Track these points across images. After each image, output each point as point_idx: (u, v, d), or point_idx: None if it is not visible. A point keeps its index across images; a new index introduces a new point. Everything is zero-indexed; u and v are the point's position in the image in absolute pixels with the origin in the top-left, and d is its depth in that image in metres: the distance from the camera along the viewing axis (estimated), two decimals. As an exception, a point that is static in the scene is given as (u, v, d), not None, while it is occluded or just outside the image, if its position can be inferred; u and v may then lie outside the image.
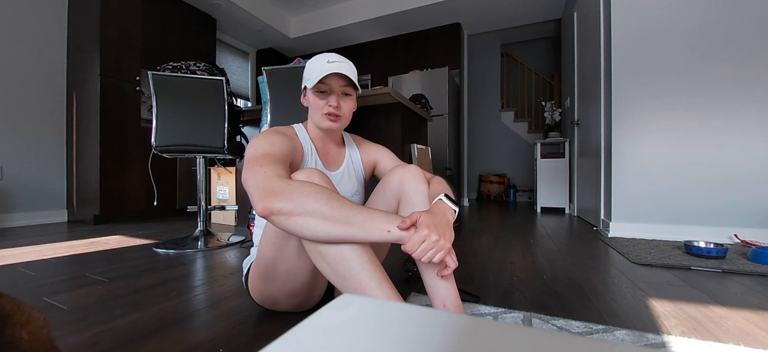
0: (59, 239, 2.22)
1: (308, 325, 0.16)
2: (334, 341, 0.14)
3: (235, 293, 1.16)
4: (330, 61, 0.94)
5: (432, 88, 4.19)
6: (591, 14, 2.85)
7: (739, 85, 2.05)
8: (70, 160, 3.15)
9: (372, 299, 0.19)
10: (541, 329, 0.15)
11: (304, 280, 0.85)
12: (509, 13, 4.47)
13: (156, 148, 1.83)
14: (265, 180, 0.70)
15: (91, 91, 2.98)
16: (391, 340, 0.14)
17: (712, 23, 2.10)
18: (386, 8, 4.46)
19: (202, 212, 2.06)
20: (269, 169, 0.73)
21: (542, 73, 5.56)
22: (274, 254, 0.82)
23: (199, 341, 0.83)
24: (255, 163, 0.75)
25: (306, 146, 0.98)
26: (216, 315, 0.98)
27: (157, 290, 1.20)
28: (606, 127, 2.46)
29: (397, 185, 0.91)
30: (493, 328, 0.15)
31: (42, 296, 1.14)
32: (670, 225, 2.18)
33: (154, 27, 3.49)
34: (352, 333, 0.15)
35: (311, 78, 0.94)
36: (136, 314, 0.99)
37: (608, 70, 2.39)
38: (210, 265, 1.54)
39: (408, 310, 0.17)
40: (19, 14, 2.87)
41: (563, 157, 3.85)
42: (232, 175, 2.86)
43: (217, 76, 1.90)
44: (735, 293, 1.19)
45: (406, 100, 2.15)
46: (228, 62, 4.95)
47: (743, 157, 2.05)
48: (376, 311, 0.17)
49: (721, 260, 1.58)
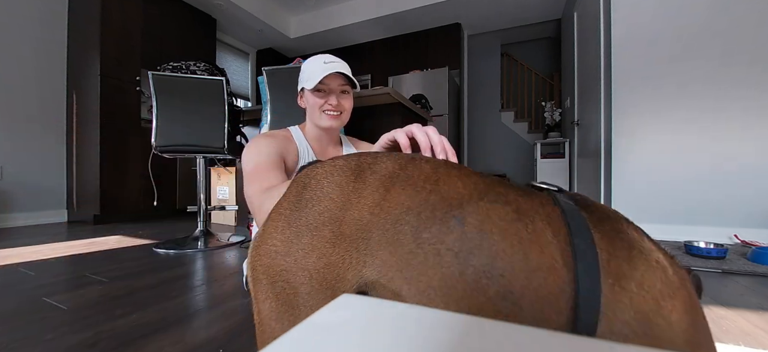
0: (59, 239, 2.22)
1: (308, 325, 0.16)
2: (334, 341, 0.14)
3: (235, 293, 1.16)
4: (326, 62, 0.96)
5: (432, 88, 4.19)
6: (591, 14, 2.85)
7: (739, 86, 2.05)
8: (70, 160, 3.15)
9: (372, 299, 0.19)
10: (541, 329, 0.15)
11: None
12: (509, 13, 4.47)
13: (156, 148, 1.83)
14: (252, 201, 0.75)
15: (91, 91, 2.98)
16: (392, 340, 0.14)
17: (713, 24, 2.10)
18: (386, 8, 4.46)
19: (202, 212, 2.06)
20: (256, 186, 0.77)
21: (542, 73, 5.56)
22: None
23: (199, 341, 0.83)
24: (247, 182, 0.80)
25: (302, 148, 0.99)
26: (216, 315, 0.98)
27: (157, 290, 1.20)
28: (606, 127, 2.46)
29: None
30: (493, 328, 0.15)
31: (42, 296, 1.14)
32: (670, 225, 2.18)
33: (154, 27, 3.49)
34: (352, 333, 0.15)
35: (310, 79, 0.96)
36: (136, 314, 0.99)
37: (608, 71, 2.39)
38: (210, 265, 1.54)
39: (408, 310, 0.17)
40: (19, 14, 2.87)
41: (563, 158, 3.85)
42: (232, 175, 2.86)
43: (217, 76, 1.90)
44: (735, 293, 1.19)
45: (406, 100, 2.15)
46: (228, 62, 4.95)
47: (743, 158, 2.05)
48: (376, 311, 0.17)
49: (721, 260, 1.58)
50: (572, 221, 0.33)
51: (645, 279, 0.30)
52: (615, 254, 0.31)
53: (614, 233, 0.32)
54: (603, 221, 0.34)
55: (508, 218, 0.34)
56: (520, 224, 0.33)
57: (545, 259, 0.31)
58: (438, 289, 0.33)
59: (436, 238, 0.35)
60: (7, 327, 0.90)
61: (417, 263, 0.35)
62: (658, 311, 0.28)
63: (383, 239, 0.37)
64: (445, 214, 0.36)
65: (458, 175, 0.41)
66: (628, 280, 0.29)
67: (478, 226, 0.34)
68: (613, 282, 0.29)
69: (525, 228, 0.33)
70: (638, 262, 0.31)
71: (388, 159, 0.44)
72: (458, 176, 0.40)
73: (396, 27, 4.83)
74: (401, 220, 0.37)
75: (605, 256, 0.31)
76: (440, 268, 0.33)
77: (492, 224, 0.34)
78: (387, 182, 0.41)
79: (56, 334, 0.86)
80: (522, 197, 0.36)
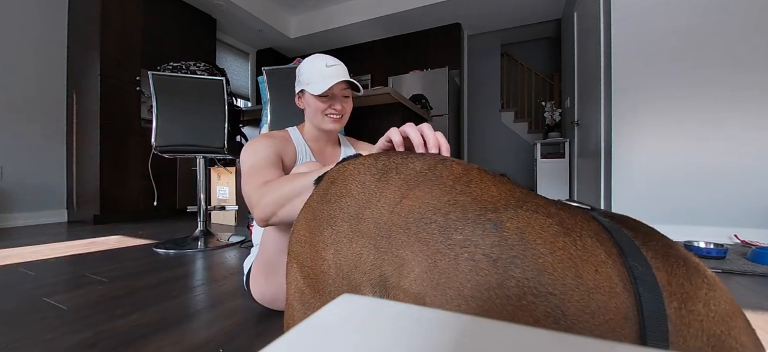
0: (59, 239, 2.22)
1: (308, 325, 0.16)
2: (334, 341, 0.14)
3: (235, 293, 1.16)
4: (328, 66, 0.97)
5: (432, 88, 4.19)
6: (591, 14, 2.85)
7: (739, 86, 2.05)
8: (70, 160, 3.15)
9: (372, 298, 0.19)
10: (542, 328, 0.15)
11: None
12: (509, 13, 4.47)
13: (156, 148, 1.83)
14: (250, 197, 0.76)
15: (91, 91, 2.98)
16: (392, 340, 0.14)
17: (713, 24, 2.10)
18: (386, 8, 4.46)
19: (202, 212, 2.06)
20: (253, 183, 0.77)
21: (542, 73, 5.56)
22: (278, 246, 0.83)
23: (199, 341, 0.83)
24: (244, 181, 0.81)
25: (300, 148, 1.01)
26: (216, 315, 0.98)
27: (157, 290, 1.20)
28: (606, 127, 2.46)
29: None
30: (494, 328, 0.15)
31: (42, 296, 1.14)
32: (670, 225, 2.18)
33: (154, 27, 3.49)
34: (352, 333, 0.15)
35: (312, 83, 0.96)
36: (136, 314, 0.99)
37: (608, 71, 2.39)
38: (210, 265, 1.54)
39: (408, 310, 0.17)
40: (19, 14, 2.87)
41: (563, 158, 3.85)
42: (232, 175, 2.86)
43: (217, 76, 1.90)
44: (735, 293, 1.19)
45: (406, 100, 2.15)
46: (228, 62, 4.95)
47: (743, 158, 2.05)
48: (376, 311, 0.17)
49: (721, 260, 1.58)
50: (620, 239, 0.30)
51: (710, 299, 0.27)
52: (674, 273, 0.28)
53: (666, 250, 0.30)
54: (650, 238, 0.31)
55: (552, 231, 0.30)
56: (568, 239, 0.30)
57: (602, 280, 0.28)
58: (471, 299, 0.30)
59: (469, 241, 0.31)
60: (7, 327, 0.90)
61: (445, 265, 0.32)
62: (729, 334, 0.26)
63: (406, 239, 0.35)
64: (479, 216, 0.33)
65: (492, 180, 0.39)
66: (694, 301, 0.27)
67: (518, 234, 0.31)
68: (678, 305, 0.27)
69: (573, 244, 0.29)
70: (699, 280, 0.28)
71: (417, 159, 0.43)
72: (492, 182, 0.38)
73: (396, 27, 4.83)
74: (426, 219, 0.35)
75: (664, 276, 0.28)
76: (475, 275, 0.30)
77: (535, 235, 0.30)
78: (412, 182, 0.39)
79: (56, 334, 0.86)
80: (563, 211, 0.33)
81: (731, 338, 0.26)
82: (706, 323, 0.26)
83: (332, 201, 0.44)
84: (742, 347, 0.25)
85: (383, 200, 0.40)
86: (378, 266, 0.37)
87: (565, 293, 0.27)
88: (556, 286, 0.28)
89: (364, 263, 0.38)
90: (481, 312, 0.29)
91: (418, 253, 0.34)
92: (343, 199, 0.43)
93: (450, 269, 0.31)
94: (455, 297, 0.30)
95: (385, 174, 0.42)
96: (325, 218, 0.43)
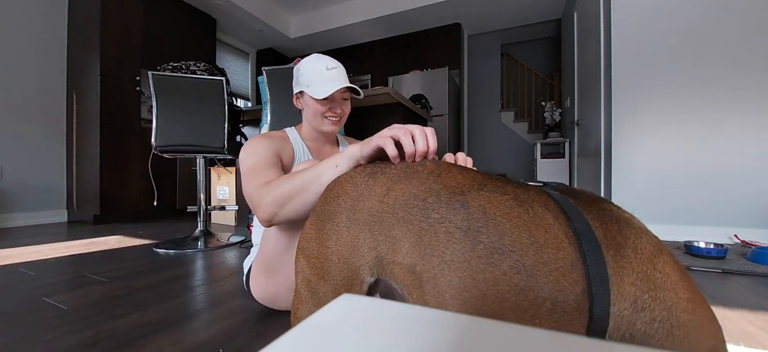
0: (59, 239, 2.22)
1: (308, 325, 0.16)
2: (334, 341, 0.14)
3: (235, 293, 1.16)
4: (329, 69, 0.98)
5: (432, 88, 4.19)
6: (591, 14, 2.85)
7: (739, 86, 2.05)
8: (70, 160, 3.15)
9: (372, 298, 0.19)
10: (542, 329, 0.15)
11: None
12: (509, 13, 4.47)
13: (156, 148, 1.83)
14: (252, 198, 0.77)
15: (91, 91, 2.98)
16: (392, 340, 0.14)
17: (713, 24, 2.10)
18: (386, 8, 4.46)
19: (202, 212, 2.06)
20: (254, 183, 0.78)
21: (542, 73, 5.55)
22: (278, 245, 0.83)
23: (199, 341, 0.83)
24: (245, 182, 0.82)
25: (298, 148, 1.01)
26: (216, 315, 0.98)
27: (157, 290, 1.20)
28: (606, 127, 2.46)
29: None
30: (493, 328, 0.15)
31: (42, 296, 1.14)
32: (670, 225, 2.18)
33: (154, 27, 3.49)
34: (352, 333, 0.15)
35: (312, 85, 0.97)
36: (136, 314, 0.99)
37: (608, 71, 2.39)
38: (210, 265, 1.54)
39: (408, 310, 0.17)
40: (19, 14, 2.87)
41: (563, 158, 3.85)
42: (232, 175, 2.86)
43: (217, 76, 1.90)
44: (735, 293, 1.19)
45: (406, 100, 2.15)
46: (228, 62, 4.95)
47: (743, 158, 2.05)
48: (376, 311, 0.17)
49: (721, 260, 1.58)
50: (566, 206, 0.38)
51: (638, 244, 0.34)
52: (608, 229, 0.35)
53: (601, 212, 0.37)
54: (590, 203, 0.39)
55: (508, 204, 0.39)
56: (521, 209, 0.38)
57: (551, 238, 0.35)
58: (451, 263, 0.37)
59: (444, 218, 0.39)
60: (7, 327, 0.90)
61: (429, 239, 0.39)
62: (655, 268, 0.33)
63: (395, 221, 0.43)
64: (450, 199, 0.41)
65: (458, 170, 0.47)
66: (625, 248, 0.34)
67: (481, 209, 0.39)
68: (613, 253, 0.34)
69: (526, 212, 0.37)
70: (628, 232, 0.35)
71: (399, 164, 0.53)
72: (458, 171, 0.46)
73: (396, 27, 4.83)
74: (410, 204, 0.43)
75: (601, 233, 0.35)
76: (452, 243, 0.38)
77: (494, 208, 0.38)
78: (395, 178, 0.48)
79: (56, 334, 0.86)
80: (518, 189, 0.41)
81: (656, 271, 0.33)
82: (636, 263, 0.33)
83: (331, 201, 0.52)
84: (666, 276, 0.33)
85: (373, 194, 0.48)
86: (374, 246, 0.45)
87: (523, 250, 0.35)
88: (515, 245, 0.36)
89: (361, 246, 0.46)
90: (461, 273, 0.36)
91: (406, 231, 0.42)
92: (340, 197, 0.51)
93: (432, 241, 0.39)
94: (439, 263, 0.38)
95: (372, 175, 0.52)
96: (326, 215, 0.51)
